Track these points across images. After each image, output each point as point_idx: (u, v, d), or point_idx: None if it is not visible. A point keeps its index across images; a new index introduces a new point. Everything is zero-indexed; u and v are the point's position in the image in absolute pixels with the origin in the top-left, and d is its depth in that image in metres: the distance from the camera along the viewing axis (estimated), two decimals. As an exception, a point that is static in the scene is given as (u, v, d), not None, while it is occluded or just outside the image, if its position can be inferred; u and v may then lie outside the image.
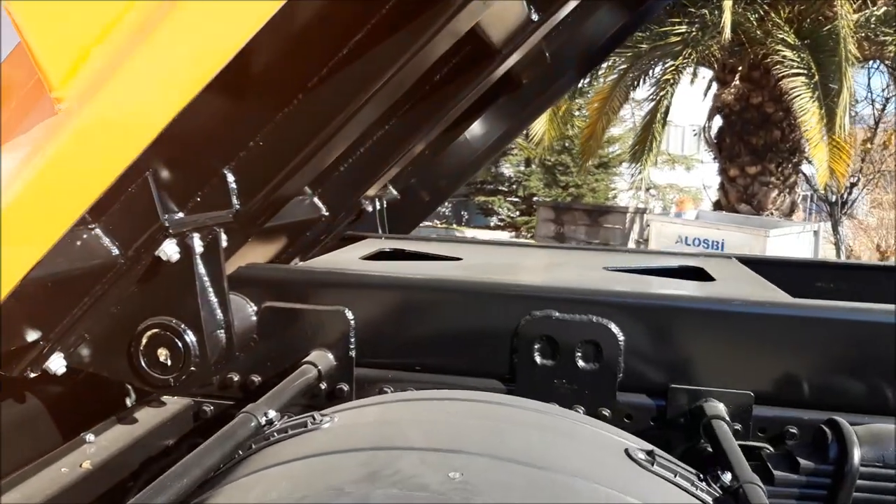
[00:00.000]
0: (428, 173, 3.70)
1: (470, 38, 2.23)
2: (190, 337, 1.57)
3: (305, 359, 1.81)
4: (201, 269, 1.61)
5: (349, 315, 1.83)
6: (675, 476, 1.25)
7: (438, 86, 2.53)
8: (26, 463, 1.55)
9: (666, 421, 1.71)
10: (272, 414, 1.48)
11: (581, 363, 1.73)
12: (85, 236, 1.46)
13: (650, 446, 1.34)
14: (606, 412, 1.71)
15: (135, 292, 1.58)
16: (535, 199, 19.74)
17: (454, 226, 19.22)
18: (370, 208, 2.94)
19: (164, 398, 1.91)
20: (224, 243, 1.73)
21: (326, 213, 2.66)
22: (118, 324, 1.59)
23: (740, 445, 1.48)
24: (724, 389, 1.66)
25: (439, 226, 18.52)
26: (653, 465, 1.26)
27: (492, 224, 20.76)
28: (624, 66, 12.39)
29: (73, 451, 1.58)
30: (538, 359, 1.75)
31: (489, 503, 1.02)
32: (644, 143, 12.05)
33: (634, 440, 1.40)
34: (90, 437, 1.64)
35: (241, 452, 1.40)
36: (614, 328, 1.70)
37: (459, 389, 1.70)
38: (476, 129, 3.64)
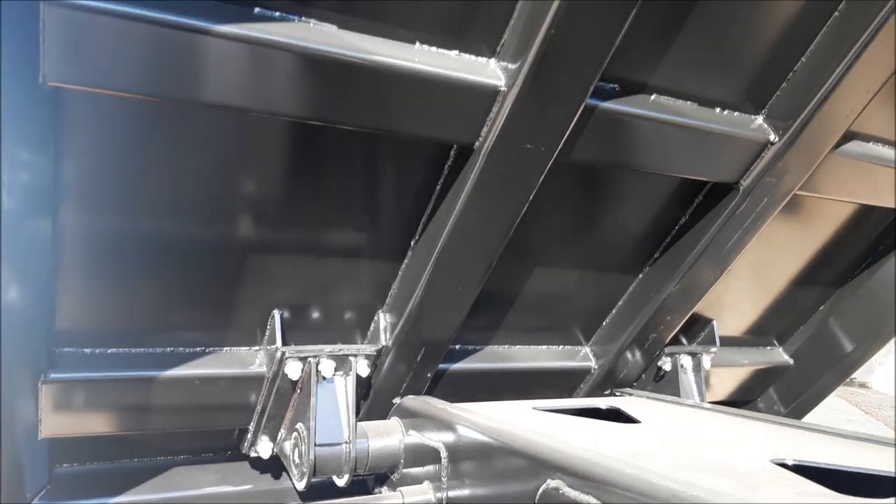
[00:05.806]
0: (823, 335, 3.06)
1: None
2: (306, 445, 1.98)
3: (407, 487, 1.95)
4: (324, 390, 2.02)
5: (444, 454, 1.89)
6: None
7: (682, 231, 2.34)
8: None
9: None
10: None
11: (588, 559, 1.36)
12: (247, 354, 2.07)
13: None
14: None
15: (294, 400, 2.09)
16: None
17: None
18: (667, 367, 2.69)
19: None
20: (364, 372, 2.09)
21: (596, 367, 2.64)
22: (292, 423, 2.12)
23: None
24: None
25: None
26: None
27: None
28: None
29: None
30: (556, 540, 1.45)
31: None
32: None
33: None
34: None
35: None
36: (616, 522, 1.30)
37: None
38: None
